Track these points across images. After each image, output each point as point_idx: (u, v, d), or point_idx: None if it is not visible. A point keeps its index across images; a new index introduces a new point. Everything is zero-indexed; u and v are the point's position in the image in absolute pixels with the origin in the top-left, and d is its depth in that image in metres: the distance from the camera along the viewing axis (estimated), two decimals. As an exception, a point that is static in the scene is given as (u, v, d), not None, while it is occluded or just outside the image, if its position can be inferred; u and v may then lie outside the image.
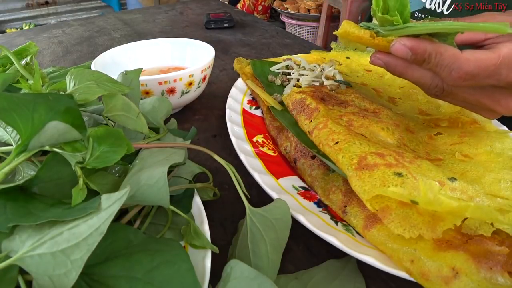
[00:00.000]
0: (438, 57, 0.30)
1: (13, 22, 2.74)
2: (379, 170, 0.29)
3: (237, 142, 0.40)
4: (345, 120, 0.39)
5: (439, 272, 0.25)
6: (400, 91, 0.53)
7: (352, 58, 0.63)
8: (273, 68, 0.56)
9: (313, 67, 0.54)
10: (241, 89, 0.53)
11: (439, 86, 0.33)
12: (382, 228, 0.29)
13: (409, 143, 0.38)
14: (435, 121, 0.45)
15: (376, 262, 0.27)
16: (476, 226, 0.27)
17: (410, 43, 0.30)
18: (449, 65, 0.30)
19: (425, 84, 0.34)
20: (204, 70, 0.50)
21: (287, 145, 0.41)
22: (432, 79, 0.33)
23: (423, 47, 0.30)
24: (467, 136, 0.39)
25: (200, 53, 0.57)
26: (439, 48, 0.30)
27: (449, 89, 0.33)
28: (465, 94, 0.34)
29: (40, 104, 0.24)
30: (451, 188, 0.28)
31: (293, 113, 0.43)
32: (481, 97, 0.33)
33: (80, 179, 0.24)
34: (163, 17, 1.11)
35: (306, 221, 0.30)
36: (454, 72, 0.30)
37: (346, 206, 0.32)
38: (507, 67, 0.30)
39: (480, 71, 0.30)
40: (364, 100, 0.45)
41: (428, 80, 0.33)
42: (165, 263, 0.22)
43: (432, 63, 0.31)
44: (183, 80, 0.48)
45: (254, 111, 0.50)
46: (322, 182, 0.36)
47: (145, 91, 0.46)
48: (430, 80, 0.33)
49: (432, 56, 0.30)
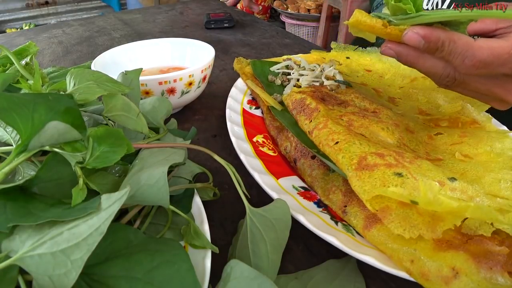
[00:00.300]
0: (451, 45, 0.30)
1: (13, 22, 2.74)
2: (379, 170, 0.29)
3: (237, 142, 0.40)
4: (345, 120, 0.39)
5: (439, 272, 0.25)
6: (400, 91, 0.53)
7: (352, 58, 0.63)
8: (273, 68, 0.56)
9: (313, 67, 0.54)
10: (241, 89, 0.53)
11: (451, 75, 0.33)
12: (382, 228, 0.29)
13: (409, 143, 0.38)
14: (435, 121, 0.45)
15: (376, 262, 0.27)
16: (476, 226, 0.27)
17: (423, 31, 0.30)
18: (463, 53, 0.30)
19: (436, 73, 0.34)
20: (204, 70, 0.50)
21: (287, 145, 0.41)
22: (444, 69, 0.33)
23: (436, 35, 0.30)
24: (467, 136, 0.39)
25: (200, 53, 0.57)
26: (453, 36, 0.30)
27: (461, 78, 0.33)
28: (477, 84, 0.34)
29: (40, 104, 0.24)
30: (451, 188, 0.28)
31: (293, 113, 0.43)
32: (493, 87, 0.33)
33: (80, 179, 0.24)
34: (163, 17, 1.11)
35: (306, 221, 0.30)
36: (468, 60, 0.30)
37: (346, 206, 0.32)
38: None
39: (494, 59, 0.30)
40: (364, 100, 0.45)
41: (440, 70, 0.33)
42: (165, 263, 0.22)
43: (445, 51, 0.31)
44: (183, 80, 0.48)
45: (254, 111, 0.50)
46: (322, 182, 0.36)
47: (145, 91, 0.46)
48: (442, 69, 0.33)
49: (445, 44, 0.30)
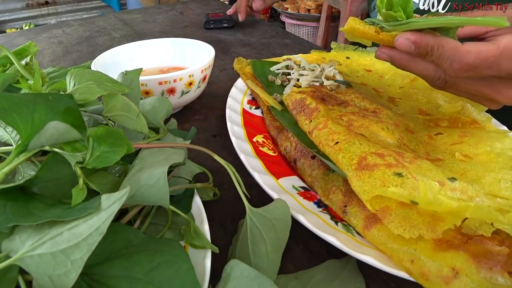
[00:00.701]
0: (440, 50, 0.31)
1: (13, 22, 2.74)
2: (379, 170, 0.29)
3: (237, 142, 0.40)
4: (345, 120, 0.39)
5: (439, 272, 0.25)
6: (400, 91, 0.53)
7: (352, 58, 0.63)
8: (273, 68, 0.56)
9: (313, 67, 0.54)
10: (241, 89, 0.53)
11: (442, 78, 0.34)
12: (382, 228, 0.29)
13: (409, 143, 0.38)
14: (435, 121, 0.45)
15: (376, 262, 0.27)
16: (476, 226, 0.27)
17: (413, 37, 0.31)
18: (451, 57, 0.31)
19: (428, 76, 0.35)
20: (204, 70, 0.50)
21: (287, 145, 0.41)
22: (435, 71, 0.34)
23: (425, 40, 0.31)
24: (467, 136, 0.39)
25: (200, 53, 0.57)
26: (441, 41, 0.31)
27: (452, 80, 0.34)
28: (467, 85, 0.34)
29: (40, 104, 0.24)
30: (451, 188, 0.28)
31: (293, 113, 0.43)
32: (483, 88, 0.34)
33: (80, 179, 0.24)
34: (163, 17, 1.11)
35: (306, 221, 0.30)
36: (456, 63, 0.31)
37: (346, 206, 0.32)
38: (506, 58, 0.31)
39: (481, 62, 0.31)
40: (364, 100, 0.45)
41: (432, 72, 0.34)
42: (165, 263, 0.22)
43: (434, 55, 0.32)
44: (183, 80, 0.48)
45: (254, 111, 0.50)
46: (322, 182, 0.36)
47: (145, 91, 0.46)
48: (433, 72, 0.34)
49: (434, 49, 0.31)
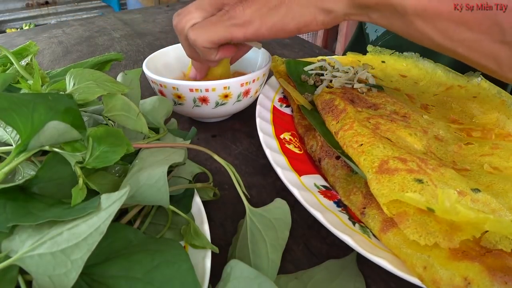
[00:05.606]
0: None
1: (13, 22, 2.74)
2: (399, 175, 0.29)
3: (264, 138, 0.40)
4: (372, 123, 0.38)
5: (451, 281, 0.24)
6: (434, 98, 0.52)
7: (387, 63, 0.62)
8: (307, 68, 0.56)
9: (347, 69, 0.54)
10: (273, 87, 0.53)
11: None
12: (399, 232, 0.28)
13: (437, 150, 0.37)
14: (468, 131, 0.43)
15: (388, 265, 0.26)
16: (496, 240, 0.26)
17: None
18: None
19: None
20: (245, 84, 0.45)
21: (313, 144, 0.41)
22: None
23: None
24: (499, 148, 0.38)
25: (263, 62, 0.53)
26: None
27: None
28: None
29: (40, 104, 0.24)
30: (474, 199, 0.28)
31: (321, 113, 0.43)
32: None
33: (80, 179, 0.24)
34: (163, 17, 1.11)
35: (323, 218, 0.29)
36: None
37: (365, 208, 0.32)
38: None
39: None
40: (394, 104, 0.44)
41: None
42: (165, 263, 0.22)
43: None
44: (216, 91, 0.44)
45: (284, 109, 0.49)
46: (344, 183, 0.35)
47: (177, 95, 0.44)
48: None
49: None
